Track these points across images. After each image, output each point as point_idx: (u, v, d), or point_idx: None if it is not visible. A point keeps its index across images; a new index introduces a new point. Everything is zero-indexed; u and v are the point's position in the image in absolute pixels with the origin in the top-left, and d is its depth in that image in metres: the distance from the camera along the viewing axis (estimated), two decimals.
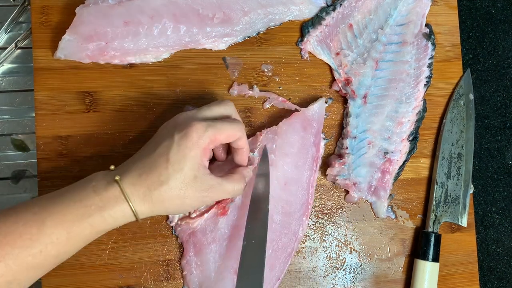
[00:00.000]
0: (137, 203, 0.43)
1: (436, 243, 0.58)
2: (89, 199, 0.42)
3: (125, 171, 0.44)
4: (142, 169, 0.44)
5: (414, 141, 0.60)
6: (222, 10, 0.56)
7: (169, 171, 0.43)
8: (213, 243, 0.53)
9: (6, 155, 0.63)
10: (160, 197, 0.43)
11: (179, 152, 0.44)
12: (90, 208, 0.42)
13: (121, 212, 0.43)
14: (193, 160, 0.44)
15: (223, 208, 0.53)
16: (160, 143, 0.45)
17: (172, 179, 0.43)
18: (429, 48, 0.61)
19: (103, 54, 0.53)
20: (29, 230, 0.40)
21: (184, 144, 0.44)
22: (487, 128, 0.74)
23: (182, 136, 0.44)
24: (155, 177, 0.43)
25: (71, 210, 0.41)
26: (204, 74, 0.57)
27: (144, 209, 0.44)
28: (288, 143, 0.55)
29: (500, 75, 0.75)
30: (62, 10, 0.55)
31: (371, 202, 0.59)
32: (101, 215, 0.42)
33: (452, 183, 0.60)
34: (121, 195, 0.42)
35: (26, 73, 0.64)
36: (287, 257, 0.55)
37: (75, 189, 0.43)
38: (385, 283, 0.59)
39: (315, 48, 0.59)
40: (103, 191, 0.42)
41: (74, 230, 0.41)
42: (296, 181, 0.56)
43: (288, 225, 0.55)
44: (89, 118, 0.55)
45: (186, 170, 0.44)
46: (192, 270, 0.53)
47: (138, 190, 0.43)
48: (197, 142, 0.44)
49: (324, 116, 0.58)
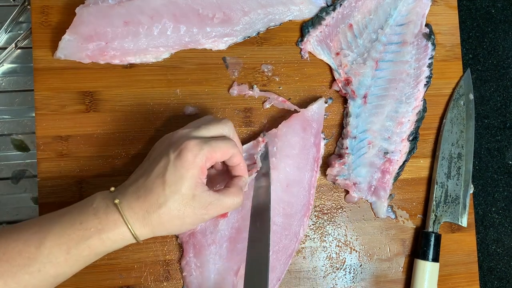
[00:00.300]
0: (137, 226, 0.43)
1: (436, 243, 0.58)
2: (88, 222, 0.42)
3: (124, 194, 0.44)
4: (139, 192, 0.44)
5: (414, 141, 0.60)
6: (222, 10, 0.56)
7: (166, 193, 0.43)
8: (213, 245, 0.53)
9: (6, 155, 0.63)
10: (159, 219, 0.43)
11: (175, 173, 0.44)
12: (89, 231, 0.42)
13: (120, 235, 0.43)
14: (190, 180, 0.44)
15: None
16: (156, 163, 0.45)
17: (170, 201, 0.43)
18: (429, 48, 0.61)
19: (103, 54, 0.53)
20: (27, 249, 0.40)
21: (180, 164, 0.44)
22: (487, 128, 0.74)
23: (177, 156, 0.44)
24: (153, 200, 0.43)
25: (70, 232, 0.42)
26: (204, 74, 0.57)
27: (144, 232, 0.44)
28: (288, 145, 0.55)
29: (500, 75, 0.75)
30: (62, 10, 0.55)
31: (371, 202, 0.59)
32: (100, 238, 0.42)
33: (452, 183, 0.60)
34: (120, 218, 0.43)
35: (26, 73, 0.64)
36: (288, 258, 0.55)
37: (75, 210, 0.43)
38: (385, 283, 0.59)
39: (315, 48, 0.59)
40: (103, 214, 0.43)
41: (72, 252, 0.41)
42: (297, 182, 0.56)
43: (289, 227, 0.55)
44: (89, 118, 0.55)
45: (184, 190, 0.44)
46: (191, 271, 0.53)
47: (137, 213, 0.43)
48: (193, 162, 0.44)
49: (323, 116, 0.58)
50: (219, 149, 0.45)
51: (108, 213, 0.43)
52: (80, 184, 0.53)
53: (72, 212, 0.43)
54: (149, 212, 0.43)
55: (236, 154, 0.47)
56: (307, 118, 0.57)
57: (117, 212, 0.43)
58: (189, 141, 0.45)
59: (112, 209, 0.43)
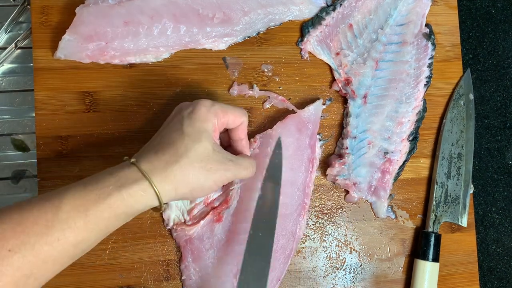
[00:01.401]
0: (158, 179, 0.41)
1: (436, 243, 0.58)
2: (105, 181, 0.40)
3: (140, 154, 0.43)
4: (157, 147, 0.42)
5: (414, 141, 0.60)
6: (222, 10, 0.56)
7: (186, 142, 0.42)
8: (211, 249, 0.53)
9: (6, 155, 0.63)
10: (181, 172, 0.41)
11: (192, 124, 0.43)
12: (107, 189, 0.39)
13: (141, 191, 0.40)
14: (207, 132, 0.43)
15: (218, 214, 0.53)
16: (171, 121, 0.45)
17: (191, 151, 0.42)
18: (429, 48, 0.61)
19: (103, 54, 0.53)
20: (44, 216, 0.37)
21: (194, 117, 0.43)
22: (487, 128, 0.74)
23: (190, 111, 0.44)
24: (172, 151, 0.42)
25: (87, 192, 0.39)
26: (204, 74, 0.57)
27: (167, 189, 0.41)
28: (283, 146, 0.55)
29: (500, 75, 0.75)
30: (62, 10, 0.55)
31: (371, 202, 0.59)
32: (120, 194, 0.39)
33: (452, 183, 0.60)
34: (138, 173, 0.40)
35: (26, 73, 0.64)
36: (287, 257, 0.55)
37: (89, 177, 0.41)
38: (385, 283, 0.59)
39: (315, 48, 0.59)
40: (120, 172, 0.40)
41: (92, 213, 0.38)
42: (291, 183, 0.55)
43: (285, 227, 0.55)
44: (89, 118, 0.55)
45: (204, 140, 0.42)
46: (191, 275, 0.53)
47: (157, 166, 0.41)
48: (207, 115, 0.44)
49: (320, 117, 0.58)
50: (230, 111, 0.45)
51: (126, 171, 0.40)
52: None
53: (86, 179, 0.41)
54: (169, 163, 0.41)
55: (245, 125, 0.47)
56: (302, 119, 0.56)
57: (135, 168, 0.40)
58: (200, 100, 0.45)
59: (129, 167, 0.41)
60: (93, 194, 0.39)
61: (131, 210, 0.40)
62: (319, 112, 0.58)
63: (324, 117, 0.59)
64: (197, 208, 0.53)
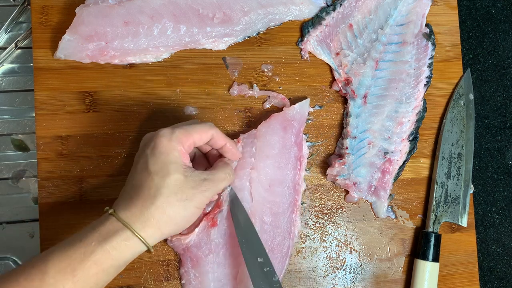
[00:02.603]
0: (139, 227, 0.41)
1: (436, 243, 0.58)
2: (88, 238, 0.40)
3: (117, 203, 0.43)
4: (131, 192, 0.42)
5: (414, 141, 0.60)
6: (222, 10, 0.56)
7: (156, 182, 0.42)
8: (210, 254, 0.53)
9: (6, 155, 0.63)
10: (159, 212, 0.41)
11: (157, 161, 0.42)
12: (91, 246, 0.39)
13: (124, 241, 0.40)
14: (175, 162, 0.43)
15: (212, 219, 0.53)
16: (137, 163, 0.44)
17: (163, 188, 0.42)
18: (429, 48, 0.61)
19: (103, 54, 0.53)
20: (31, 284, 0.37)
21: (157, 152, 0.43)
22: (487, 128, 0.74)
23: (153, 147, 0.43)
24: (145, 194, 0.41)
25: (71, 252, 0.39)
26: (204, 74, 0.57)
27: (151, 232, 0.41)
28: (268, 145, 0.55)
29: (500, 75, 0.75)
30: (62, 10, 0.55)
31: (371, 202, 0.59)
32: (104, 250, 0.39)
33: (452, 183, 0.60)
34: (119, 224, 0.40)
35: (26, 73, 0.64)
36: (284, 256, 0.55)
37: (73, 236, 0.41)
38: (385, 283, 0.59)
39: (315, 48, 0.59)
40: (101, 226, 0.40)
41: (78, 273, 0.38)
42: (280, 182, 0.55)
43: (279, 224, 0.55)
44: (89, 118, 0.55)
45: (173, 173, 0.42)
46: (190, 280, 0.53)
47: (134, 212, 0.41)
48: (168, 147, 0.43)
49: (306, 115, 0.57)
50: (193, 130, 0.44)
51: (106, 224, 0.40)
52: (80, 184, 0.53)
53: (70, 237, 0.41)
54: (144, 206, 0.41)
55: (217, 134, 0.47)
56: (287, 117, 0.56)
57: (114, 219, 0.40)
58: (160, 131, 0.44)
59: (109, 219, 0.41)
60: (78, 253, 0.39)
61: (118, 262, 0.40)
62: (305, 111, 0.57)
63: (311, 121, 0.59)
64: None
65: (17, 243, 0.62)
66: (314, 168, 0.59)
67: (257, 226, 0.53)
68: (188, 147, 0.45)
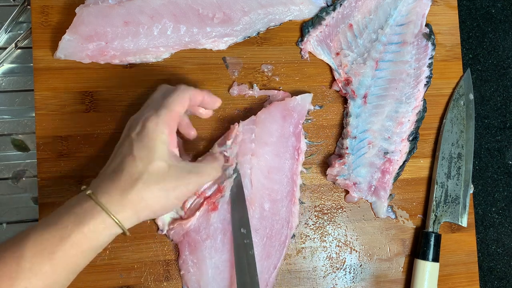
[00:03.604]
0: (116, 209, 0.40)
1: (436, 243, 0.58)
2: (63, 220, 0.39)
3: (97, 185, 0.41)
4: (112, 175, 0.41)
5: (414, 141, 0.60)
6: (222, 10, 0.56)
7: (139, 167, 0.41)
8: (207, 239, 0.53)
9: (6, 155, 0.63)
10: (139, 196, 0.40)
11: (143, 146, 0.42)
12: (67, 228, 0.38)
13: (102, 224, 0.39)
14: (161, 149, 0.42)
15: (213, 203, 0.53)
16: (122, 146, 0.44)
17: (145, 174, 0.41)
18: (429, 48, 0.61)
19: (103, 54, 0.53)
20: (7, 268, 0.36)
21: (143, 137, 0.42)
22: (487, 128, 0.74)
23: (139, 132, 0.42)
24: (127, 177, 0.41)
25: (47, 235, 0.38)
26: (204, 74, 0.57)
27: (128, 216, 0.41)
28: (267, 132, 0.55)
29: (500, 75, 0.75)
30: (62, 10, 0.55)
31: (371, 202, 0.59)
32: (81, 232, 0.38)
33: (452, 183, 0.60)
34: (95, 206, 0.39)
35: (26, 73, 0.64)
36: (282, 244, 0.55)
37: (47, 218, 0.40)
38: (385, 283, 0.59)
39: (315, 48, 0.59)
40: (77, 208, 0.39)
41: (57, 256, 0.38)
42: (278, 169, 0.56)
43: (278, 212, 0.55)
44: (89, 118, 0.55)
45: (157, 160, 0.41)
46: (189, 268, 0.53)
47: (113, 196, 0.40)
48: (155, 131, 0.42)
49: (306, 108, 0.57)
50: (174, 103, 0.44)
51: (82, 205, 0.39)
52: (80, 184, 0.53)
53: (44, 219, 0.40)
54: (125, 190, 0.40)
55: (194, 93, 0.46)
56: (288, 107, 0.56)
57: (92, 201, 0.39)
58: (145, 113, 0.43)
59: (86, 200, 0.40)
60: (54, 237, 0.38)
61: (96, 244, 0.40)
62: (306, 104, 0.57)
63: (311, 120, 0.59)
64: (190, 201, 0.53)
65: None
66: (314, 168, 0.59)
67: (257, 212, 0.54)
68: (175, 124, 0.44)
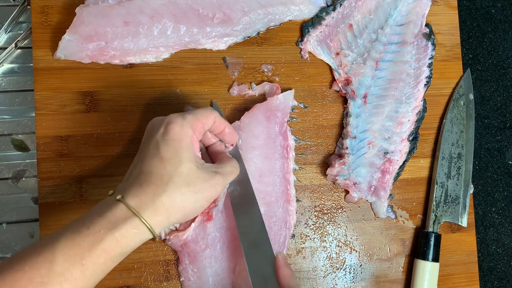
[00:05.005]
0: (148, 214, 0.39)
1: (436, 243, 0.58)
2: (96, 225, 0.38)
3: (124, 189, 0.41)
4: (140, 178, 0.41)
5: (414, 141, 0.60)
6: (222, 10, 0.56)
7: (168, 170, 0.41)
8: (207, 249, 0.53)
9: (6, 155, 0.63)
10: (171, 199, 0.40)
11: (169, 148, 0.41)
12: (99, 233, 0.38)
13: (133, 229, 0.39)
14: (187, 150, 0.42)
15: (207, 214, 0.53)
16: (147, 148, 0.43)
17: (176, 176, 0.41)
18: (429, 48, 0.61)
19: (103, 54, 0.53)
20: (38, 272, 0.36)
21: (170, 138, 0.42)
22: (487, 128, 0.74)
23: (163, 133, 0.42)
24: (157, 181, 0.40)
25: (79, 240, 0.37)
26: (204, 74, 0.57)
27: (159, 220, 0.40)
28: (252, 135, 0.55)
29: (500, 75, 0.75)
30: (62, 10, 0.55)
31: (371, 202, 0.59)
32: (113, 238, 0.38)
33: (452, 183, 0.60)
34: (128, 212, 0.39)
35: (26, 73, 0.64)
36: (281, 245, 0.55)
37: (78, 220, 0.40)
38: (385, 283, 0.59)
39: (315, 48, 0.59)
40: (109, 213, 0.39)
41: (88, 261, 0.37)
42: (269, 171, 0.55)
43: (274, 213, 0.55)
44: (89, 118, 0.55)
45: (185, 161, 0.41)
46: (189, 276, 0.53)
47: (144, 200, 0.40)
48: (181, 133, 0.42)
49: (290, 106, 0.57)
50: (200, 115, 0.44)
51: (114, 210, 0.39)
52: (80, 184, 0.53)
53: (75, 223, 0.39)
54: (156, 195, 0.40)
55: (218, 118, 0.46)
56: (270, 107, 0.56)
57: (123, 206, 0.39)
58: (171, 116, 0.43)
59: (117, 206, 0.39)
60: (87, 241, 0.38)
61: (126, 250, 0.40)
62: (288, 101, 0.57)
63: (295, 119, 0.58)
64: None
65: (17, 243, 0.62)
66: (314, 168, 0.59)
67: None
68: (199, 134, 0.44)
